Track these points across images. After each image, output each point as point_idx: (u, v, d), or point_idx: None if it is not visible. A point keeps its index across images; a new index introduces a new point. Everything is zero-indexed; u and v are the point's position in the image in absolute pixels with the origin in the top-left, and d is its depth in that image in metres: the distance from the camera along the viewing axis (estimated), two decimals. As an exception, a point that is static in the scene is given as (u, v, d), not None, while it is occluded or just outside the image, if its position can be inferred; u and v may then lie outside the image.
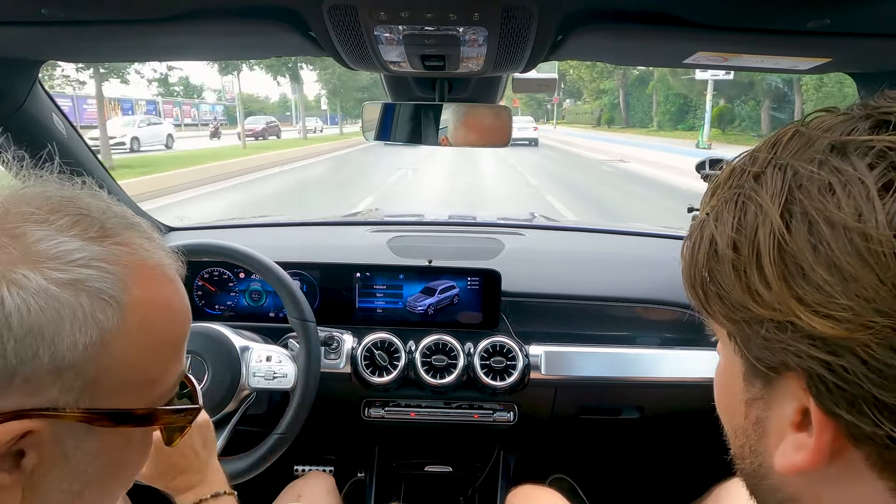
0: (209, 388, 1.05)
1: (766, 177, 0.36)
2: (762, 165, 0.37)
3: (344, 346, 1.27)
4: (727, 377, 0.43)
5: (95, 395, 0.40)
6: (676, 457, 1.68)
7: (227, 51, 1.04)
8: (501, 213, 1.84)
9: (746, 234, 0.35)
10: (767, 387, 0.38)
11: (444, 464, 1.63)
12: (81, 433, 0.41)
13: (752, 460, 0.41)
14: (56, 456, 0.41)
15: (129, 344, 0.41)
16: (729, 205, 0.38)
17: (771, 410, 0.38)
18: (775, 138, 0.38)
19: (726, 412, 0.45)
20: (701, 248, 0.40)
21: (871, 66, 0.94)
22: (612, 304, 1.43)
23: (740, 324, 0.37)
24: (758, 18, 0.75)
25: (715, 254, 0.38)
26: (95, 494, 0.45)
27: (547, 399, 1.35)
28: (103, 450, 0.43)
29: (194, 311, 1.48)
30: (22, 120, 1.11)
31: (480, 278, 1.34)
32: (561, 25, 0.78)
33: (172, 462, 0.82)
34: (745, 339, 0.37)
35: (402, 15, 0.72)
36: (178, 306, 0.47)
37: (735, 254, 0.36)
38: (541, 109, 69.21)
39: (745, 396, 0.40)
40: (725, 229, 0.37)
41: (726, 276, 0.37)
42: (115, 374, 0.41)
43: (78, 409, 0.39)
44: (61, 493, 0.42)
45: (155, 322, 0.43)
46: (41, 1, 0.71)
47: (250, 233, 1.82)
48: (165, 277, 0.46)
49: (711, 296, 0.39)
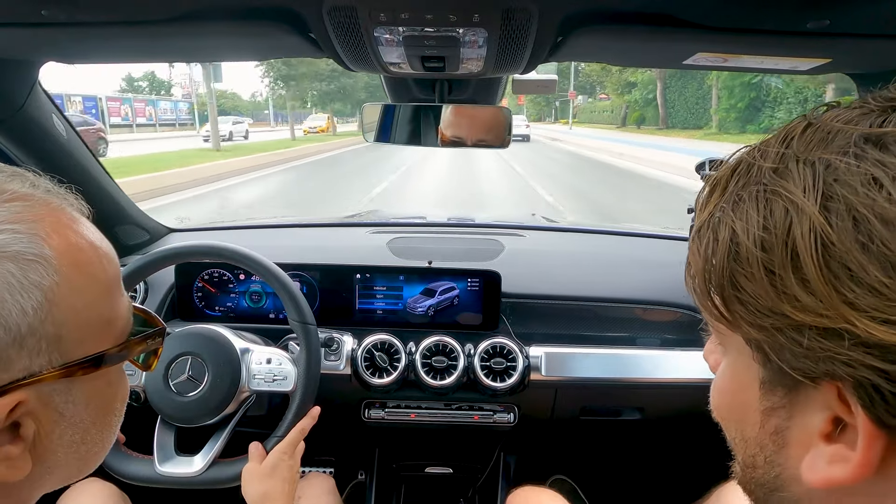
0: (209, 389, 1.05)
1: (791, 171, 0.33)
2: (777, 160, 0.35)
3: (344, 347, 1.27)
4: (737, 386, 0.40)
5: (64, 350, 0.42)
6: (677, 458, 1.67)
7: (227, 52, 1.04)
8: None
9: (777, 232, 0.32)
10: (791, 395, 0.35)
11: (445, 465, 1.63)
12: (66, 388, 0.43)
13: (767, 471, 0.39)
14: (51, 417, 0.43)
15: (73, 292, 0.42)
16: (749, 202, 0.35)
17: (793, 420, 0.36)
18: (785, 132, 0.36)
19: (733, 421, 0.43)
20: (718, 250, 0.36)
21: (871, 67, 0.94)
22: (612, 305, 1.43)
23: (769, 331, 0.34)
24: (757, 19, 0.75)
25: (737, 255, 0.35)
26: (96, 436, 0.48)
27: (547, 400, 1.35)
28: (91, 395, 0.46)
29: (195, 312, 1.49)
30: (22, 121, 1.11)
31: (480, 279, 1.34)
32: (561, 26, 0.78)
33: (265, 490, 0.92)
34: (777, 347, 0.34)
35: (402, 16, 0.72)
36: (99, 241, 0.47)
37: (765, 254, 0.33)
38: (547, 108, 66.09)
39: (763, 406, 0.37)
40: (750, 228, 0.34)
41: (754, 280, 0.34)
42: (74, 325, 0.42)
43: (54, 368, 0.41)
44: (66, 447, 0.45)
45: (87, 264, 0.44)
46: (42, 2, 0.71)
47: (250, 234, 1.82)
48: (72, 218, 0.46)
49: (732, 301, 0.36)
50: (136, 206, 1.55)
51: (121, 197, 1.48)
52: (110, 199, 1.44)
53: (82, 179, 1.33)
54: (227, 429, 1.06)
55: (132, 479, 1.03)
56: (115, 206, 1.46)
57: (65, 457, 0.46)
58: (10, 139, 1.14)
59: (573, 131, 37.24)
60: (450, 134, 1.16)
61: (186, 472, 1.02)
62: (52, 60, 1.09)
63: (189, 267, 1.38)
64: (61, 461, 0.46)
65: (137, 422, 1.13)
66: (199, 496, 1.32)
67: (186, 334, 1.09)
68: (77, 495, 1.09)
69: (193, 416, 1.04)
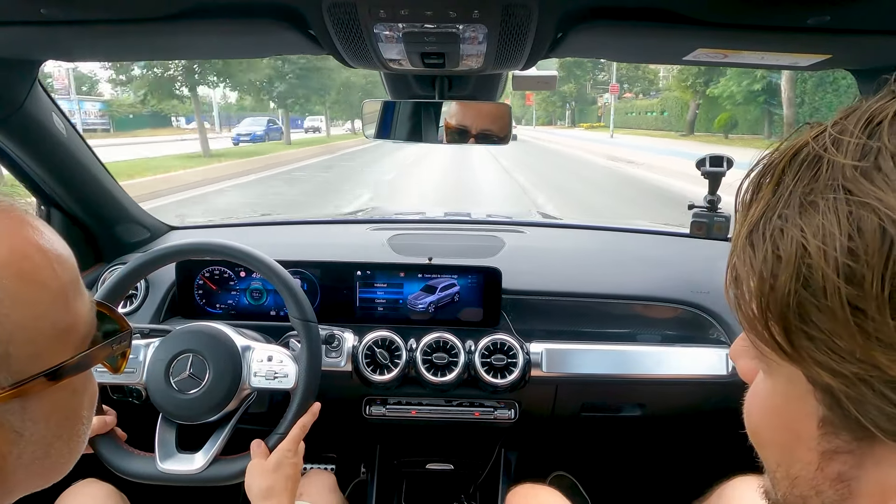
0: (210, 387, 1.05)
1: (886, 174, 0.26)
2: (859, 154, 0.27)
3: (345, 344, 1.27)
4: (785, 416, 0.33)
5: (14, 369, 0.38)
6: (678, 454, 1.68)
7: (227, 49, 1.04)
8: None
9: (871, 261, 0.25)
10: (862, 442, 0.29)
11: (446, 461, 1.63)
12: (21, 407, 0.40)
13: None
14: (8, 438, 0.40)
15: (19, 305, 0.38)
16: (826, 211, 0.27)
17: (864, 470, 0.30)
18: (868, 114, 0.28)
19: (775, 453, 0.36)
20: (781, 270, 0.28)
21: (872, 63, 0.94)
22: (613, 301, 1.43)
23: (849, 379, 0.27)
24: (758, 15, 0.75)
25: (807, 281, 0.27)
26: (61, 448, 0.44)
27: (548, 396, 1.35)
28: (52, 409, 0.42)
29: (196, 310, 1.50)
30: (22, 120, 1.11)
31: (481, 276, 1.34)
32: (560, 23, 0.78)
33: (269, 485, 0.93)
34: (857, 399, 0.27)
35: (401, 13, 0.72)
36: (49, 243, 0.42)
37: (851, 288, 0.26)
38: (560, 109, 56.08)
39: (822, 447, 0.31)
40: (829, 250, 0.26)
41: (833, 317, 0.27)
42: (23, 340, 0.39)
43: (5, 389, 0.38)
44: (27, 466, 0.42)
45: (33, 272, 0.40)
46: (41, 1, 0.71)
47: (251, 231, 1.82)
48: (20, 220, 0.41)
49: (798, 335, 0.29)
50: (137, 204, 1.55)
51: (121, 195, 1.48)
52: (111, 198, 1.44)
53: (83, 178, 1.33)
54: (228, 426, 1.06)
55: (134, 477, 1.03)
56: (116, 205, 1.46)
57: (25, 475, 0.42)
58: (9, 138, 1.14)
59: (617, 140, 27.42)
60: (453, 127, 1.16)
61: (188, 470, 1.02)
62: (52, 59, 1.09)
63: (190, 264, 1.38)
64: (21, 480, 0.42)
65: (139, 419, 1.14)
66: (198, 495, 1.32)
67: (187, 332, 1.09)
68: (74, 496, 1.09)
69: (195, 414, 1.04)
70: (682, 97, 28.35)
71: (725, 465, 1.11)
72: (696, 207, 1.48)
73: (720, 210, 1.48)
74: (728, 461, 1.13)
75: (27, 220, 0.42)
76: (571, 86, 48.82)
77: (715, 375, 1.28)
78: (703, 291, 1.39)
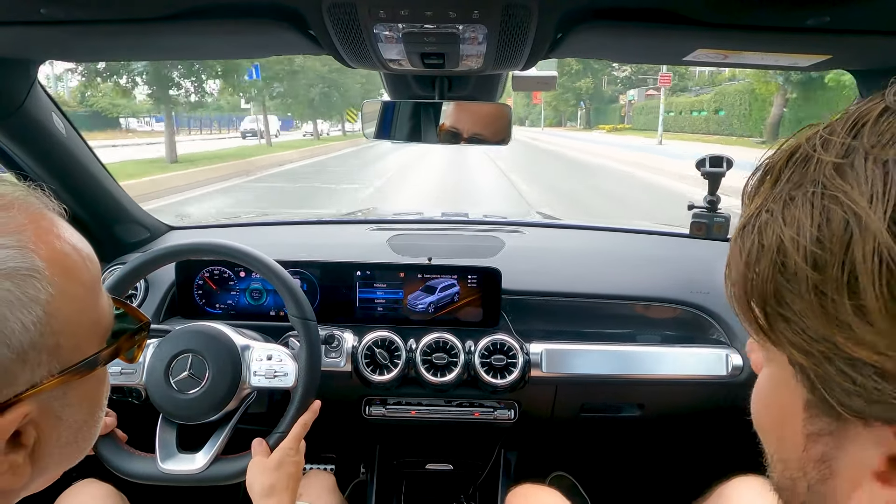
0: (210, 386, 1.05)
1: (857, 171, 0.28)
2: (841, 153, 0.29)
3: (344, 344, 1.27)
4: (779, 401, 0.36)
5: (62, 358, 0.43)
6: (677, 454, 1.68)
7: (226, 50, 1.04)
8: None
9: (834, 248, 0.28)
10: (839, 424, 0.31)
11: (445, 462, 1.63)
12: (63, 393, 0.44)
13: (809, 500, 0.35)
14: (51, 422, 0.44)
15: (67, 300, 0.42)
16: (802, 205, 0.30)
17: (842, 451, 0.32)
18: (855, 116, 0.30)
19: (772, 438, 0.38)
20: (762, 258, 0.32)
21: (872, 63, 0.94)
22: (612, 301, 1.43)
23: (817, 358, 0.30)
24: (757, 16, 0.75)
25: (783, 268, 0.30)
26: (87, 433, 0.49)
27: (547, 397, 1.35)
28: (85, 396, 0.47)
29: (195, 309, 1.50)
30: (22, 120, 1.11)
31: (481, 276, 1.35)
32: (560, 23, 0.78)
33: (270, 484, 0.94)
34: (824, 378, 0.30)
35: (401, 13, 0.72)
36: (79, 242, 0.47)
37: (816, 273, 0.28)
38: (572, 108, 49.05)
39: (807, 429, 0.33)
40: (801, 239, 0.29)
41: (802, 299, 0.29)
42: (70, 332, 0.43)
43: (53, 377, 0.42)
44: (61, 448, 0.46)
45: (73, 269, 0.44)
46: (40, 1, 0.71)
47: (250, 231, 1.82)
48: (52, 222, 0.45)
49: (775, 317, 0.31)
50: (137, 204, 1.55)
51: (121, 195, 1.48)
52: (111, 198, 1.44)
53: (83, 178, 1.33)
54: (228, 426, 1.06)
55: (135, 478, 1.03)
56: (116, 205, 1.46)
57: (59, 457, 0.47)
58: (9, 138, 1.14)
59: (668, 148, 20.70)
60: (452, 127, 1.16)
61: (189, 470, 1.02)
62: (51, 59, 1.09)
63: (189, 264, 1.38)
64: (55, 461, 0.47)
65: (139, 420, 1.14)
66: (198, 495, 1.32)
67: (187, 332, 1.09)
68: (74, 496, 1.09)
69: (195, 414, 1.04)
70: (761, 91, 22.48)
71: (725, 465, 1.11)
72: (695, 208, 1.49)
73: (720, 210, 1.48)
74: (727, 461, 1.13)
75: (59, 221, 0.46)
76: (588, 81, 42.71)
77: (715, 376, 1.28)
78: (703, 292, 1.39)
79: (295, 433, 1.01)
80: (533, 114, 59.02)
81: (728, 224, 1.44)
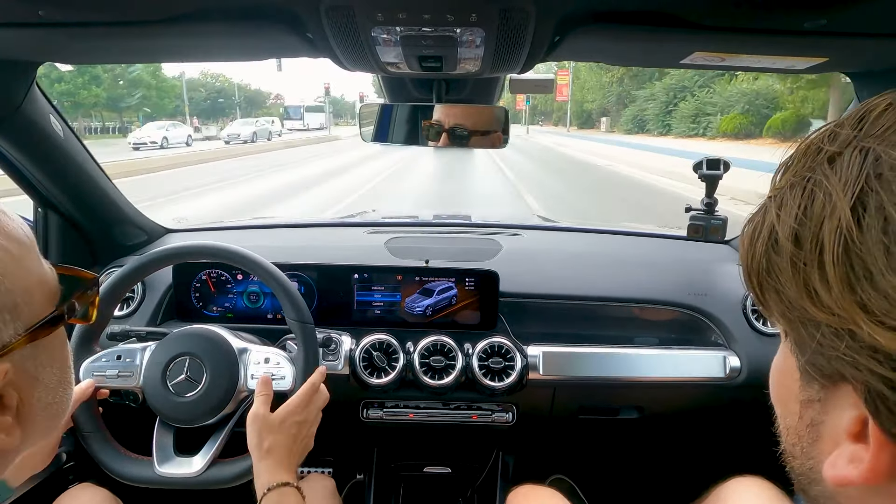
0: (207, 389, 1.04)
1: (843, 160, 0.31)
2: (842, 145, 0.32)
3: (342, 347, 1.27)
4: (784, 374, 0.39)
5: (24, 317, 0.45)
6: (675, 457, 1.68)
7: (224, 52, 1.04)
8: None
9: (811, 226, 0.31)
10: (825, 390, 0.34)
11: (443, 465, 1.63)
12: (33, 353, 0.46)
13: (803, 462, 0.38)
14: (29, 383, 0.46)
15: (12, 260, 0.44)
16: (795, 190, 0.33)
17: (827, 415, 0.35)
18: (864, 111, 0.33)
19: (781, 408, 0.42)
20: (761, 236, 0.36)
21: (868, 65, 0.94)
22: (609, 304, 1.43)
23: (795, 323, 0.34)
24: (754, 19, 0.75)
25: (775, 244, 0.34)
26: (62, 395, 0.51)
27: (545, 399, 1.35)
28: (53, 356, 0.49)
29: (193, 312, 1.49)
30: (19, 121, 1.11)
31: (478, 279, 1.34)
32: (558, 26, 0.78)
33: (269, 445, 0.93)
34: (800, 341, 0.34)
35: (399, 16, 0.72)
36: (6, 207, 0.49)
37: (795, 247, 0.32)
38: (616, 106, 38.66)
39: (801, 397, 0.37)
40: (788, 218, 0.33)
41: (784, 271, 0.33)
42: (22, 290, 0.45)
43: (20, 335, 0.44)
44: (44, 410, 0.48)
45: (15, 231, 0.46)
46: (38, 3, 0.71)
47: (248, 234, 1.81)
48: None
49: (768, 289, 0.36)
50: (134, 206, 1.55)
51: (118, 197, 1.47)
52: (108, 200, 1.44)
53: (80, 180, 1.33)
54: (225, 429, 1.06)
55: (132, 481, 1.03)
56: (113, 207, 1.46)
57: (43, 420, 0.49)
58: (7, 140, 1.13)
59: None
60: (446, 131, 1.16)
61: (186, 473, 1.02)
62: (50, 61, 1.09)
63: (187, 267, 1.37)
64: (39, 425, 0.49)
65: (136, 422, 1.13)
66: (194, 499, 1.32)
67: (184, 335, 1.09)
68: (71, 501, 1.09)
69: (192, 417, 1.04)
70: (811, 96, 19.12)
71: (723, 466, 1.11)
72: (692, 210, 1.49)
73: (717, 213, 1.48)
74: (725, 463, 1.13)
75: None
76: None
77: (712, 378, 1.28)
78: (701, 294, 1.40)
79: (303, 390, 1.00)
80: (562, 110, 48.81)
81: (725, 226, 1.45)
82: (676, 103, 29.50)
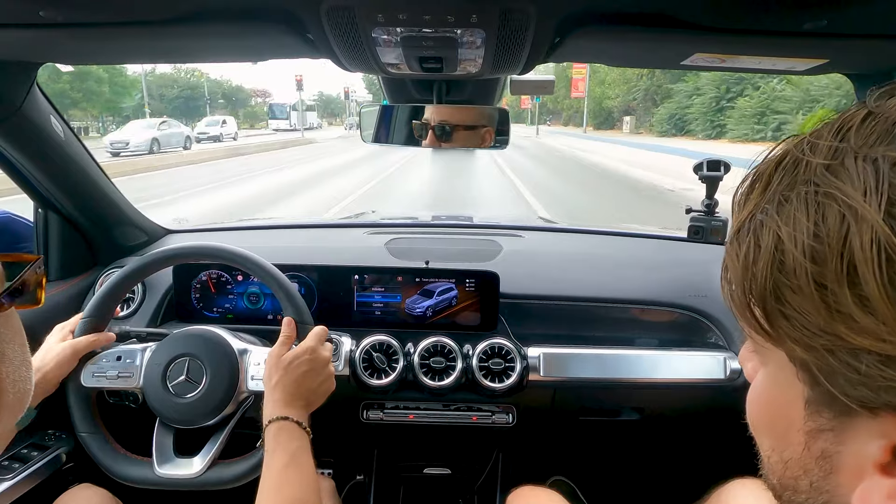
0: (207, 390, 1.04)
1: (848, 170, 0.29)
2: (830, 155, 0.31)
3: (342, 348, 1.27)
4: (778, 401, 0.36)
5: None
6: (676, 458, 1.67)
7: (224, 53, 1.04)
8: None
9: (832, 242, 0.28)
10: (841, 418, 0.32)
11: (443, 466, 1.63)
12: None
13: (813, 496, 0.35)
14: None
15: None
16: (797, 204, 0.31)
17: (844, 445, 0.32)
18: (840, 122, 0.32)
19: (772, 439, 0.39)
20: (760, 258, 0.32)
21: (868, 67, 0.94)
22: (610, 305, 1.43)
23: (819, 352, 0.30)
24: (754, 20, 0.75)
25: (781, 265, 0.31)
26: (25, 374, 0.52)
27: (546, 401, 1.35)
28: (14, 333, 0.51)
29: (193, 313, 1.49)
30: (20, 122, 1.11)
31: (478, 280, 1.34)
32: (558, 28, 0.78)
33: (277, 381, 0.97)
34: (828, 371, 0.30)
35: (400, 17, 0.72)
36: None
37: (816, 266, 0.29)
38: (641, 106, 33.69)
39: (808, 427, 0.34)
40: (799, 235, 0.30)
41: (801, 294, 0.30)
42: None
43: None
44: (12, 385, 0.49)
45: None
46: (39, 3, 0.71)
47: (248, 235, 1.81)
48: None
49: (775, 315, 0.32)
50: (134, 207, 1.55)
51: (118, 198, 1.47)
52: (108, 201, 1.44)
53: (81, 181, 1.33)
54: (225, 430, 1.06)
55: (131, 482, 1.03)
56: (113, 208, 1.46)
57: (13, 398, 0.50)
58: (7, 140, 1.13)
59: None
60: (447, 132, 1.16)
61: (186, 474, 1.02)
62: (51, 62, 1.09)
63: (187, 268, 1.37)
64: (10, 404, 0.50)
65: (136, 423, 1.13)
66: (194, 500, 1.31)
67: (184, 336, 1.09)
68: (69, 502, 1.09)
69: (192, 418, 1.04)
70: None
71: (723, 468, 1.10)
72: (693, 211, 1.49)
73: (717, 214, 1.48)
74: (726, 464, 1.13)
75: None
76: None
77: (712, 379, 1.28)
78: (701, 295, 1.39)
79: (308, 338, 1.04)
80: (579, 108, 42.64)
81: (725, 227, 1.45)
82: (732, 98, 24.26)
